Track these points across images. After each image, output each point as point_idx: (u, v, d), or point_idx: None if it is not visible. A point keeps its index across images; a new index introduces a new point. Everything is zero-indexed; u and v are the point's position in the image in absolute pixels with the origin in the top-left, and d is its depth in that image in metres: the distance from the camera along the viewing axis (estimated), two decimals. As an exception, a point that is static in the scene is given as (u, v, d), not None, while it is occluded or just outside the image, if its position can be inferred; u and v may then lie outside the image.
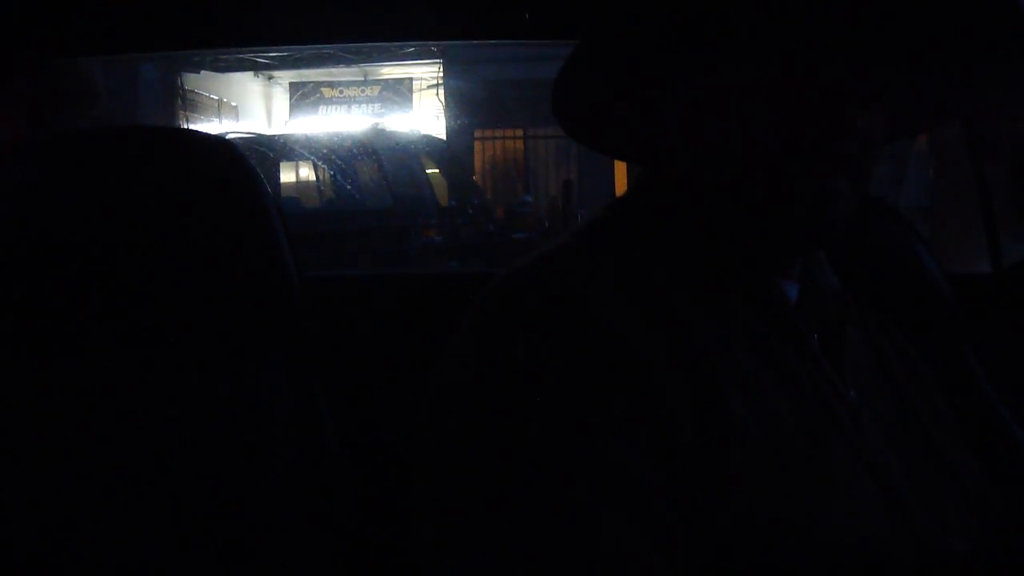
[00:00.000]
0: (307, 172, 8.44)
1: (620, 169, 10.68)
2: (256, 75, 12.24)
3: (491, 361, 0.72)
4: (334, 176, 7.82)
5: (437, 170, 8.88)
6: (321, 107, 12.60)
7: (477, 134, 11.88)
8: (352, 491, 1.11)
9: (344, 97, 12.61)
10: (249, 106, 12.16)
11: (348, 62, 11.39)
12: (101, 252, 1.08)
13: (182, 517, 1.01)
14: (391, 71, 12.38)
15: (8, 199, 1.09)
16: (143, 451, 1.03)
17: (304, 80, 12.61)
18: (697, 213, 0.82)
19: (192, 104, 10.63)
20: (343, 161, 7.79)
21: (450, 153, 10.18)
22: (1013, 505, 0.86)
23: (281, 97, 12.74)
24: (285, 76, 12.52)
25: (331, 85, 12.55)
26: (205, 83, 11.06)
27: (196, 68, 10.55)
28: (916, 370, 0.93)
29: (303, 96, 12.63)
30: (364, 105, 12.52)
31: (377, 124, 10.53)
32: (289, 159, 8.23)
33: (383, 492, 1.12)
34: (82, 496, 1.01)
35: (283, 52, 10.01)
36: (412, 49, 10.45)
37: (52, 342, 1.06)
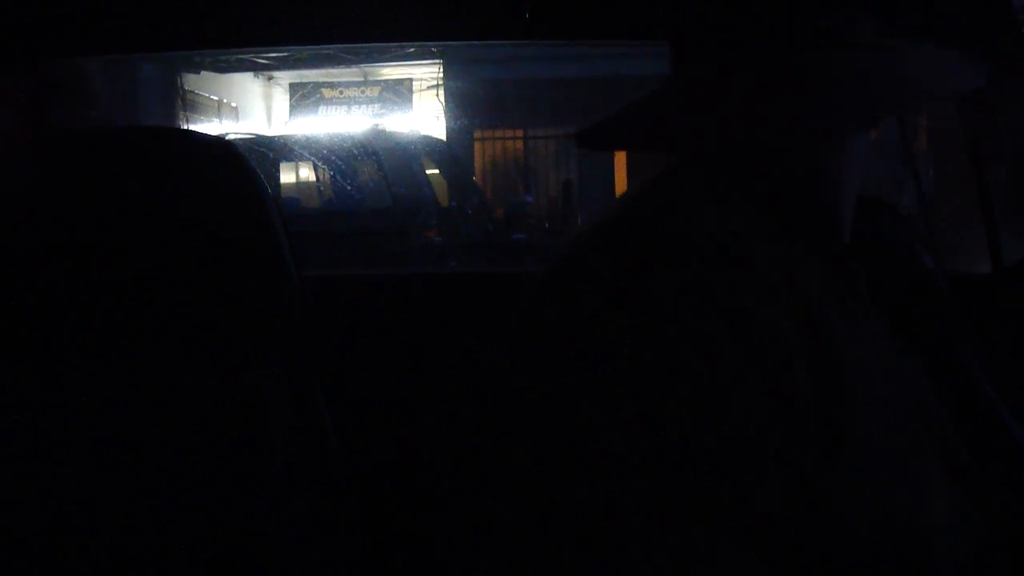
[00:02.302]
0: (307, 172, 8.44)
1: (620, 169, 10.68)
2: (256, 76, 12.23)
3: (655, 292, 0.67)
4: (334, 177, 7.82)
5: (437, 170, 8.87)
6: (321, 108, 12.59)
7: (477, 134, 11.87)
8: (352, 491, 1.11)
9: (344, 98, 12.60)
10: (249, 107, 12.15)
11: (348, 63, 11.39)
12: (100, 252, 1.08)
13: (180, 516, 1.01)
14: (391, 72, 12.37)
15: (8, 199, 1.09)
16: (142, 451, 1.03)
17: (304, 81, 12.60)
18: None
19: (192, 105, 10.62)
20: (343, 162, 7.78)
21: (450, 153, 10.17)
22: (1012, 503, 0.86)
23: (281, 98, 12.73)
24: (285, 77, 12.51)
25: (331, 86, 12.55)
26: (205, 84, 11.05)
27: (196, 69, 10.55)
28: (914, 369, 0.93)
29: (303, 97, 12.62)
30: (364, 106, 12.51)
31: (377, 125, 10.52)
32: (289, 160, 8.23)
33: (383, 492, 1.12)
34: (81, 495, 1.01)
35: (283, 53, 10.01)
36: (412, 50, 10.45)
37: (50, 342, 1.06)
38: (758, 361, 0.65)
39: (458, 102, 11.49)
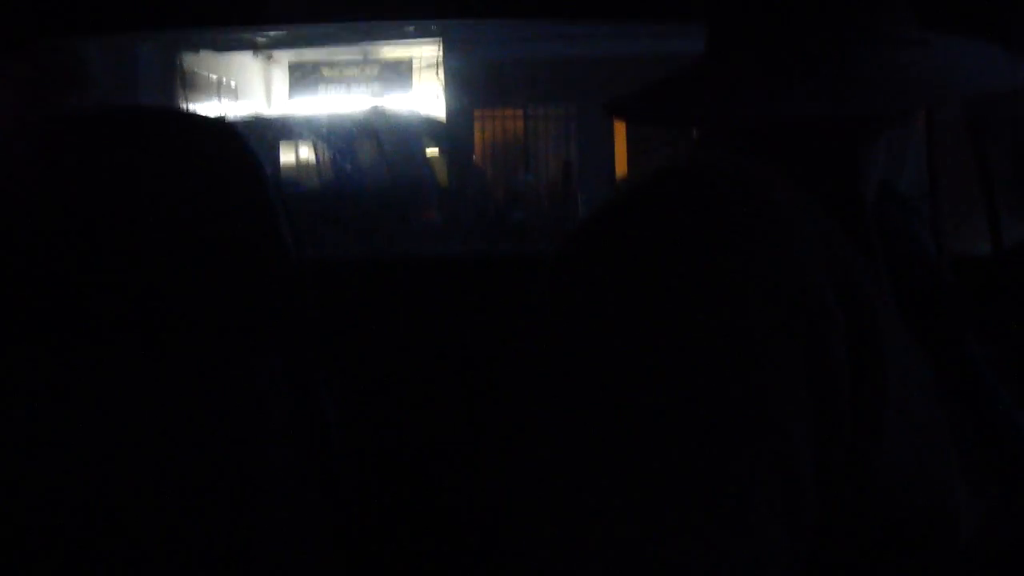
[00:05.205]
0: (307, 153, 8.42)
1: (620, 150, 10.66)
2: (255, 55, 12.17)
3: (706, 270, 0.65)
4: (333, 157, 7.80)
5: (437, 150, 8.85)
6: (320, 87, 12.54)
7: (477, 114, 11.83)
8: (353, 481, 1.10)
9: (343, 77, 12.54)
10: (248, 86, 12.10)
11: (348, 42, 11.34)
12: (99, 234, 1.08)
13: (179, 508, 1.01)
14: (390, 51, 12.31)
15: (6, 182, 1.09)
16: (140, 437, 1.03)
17: (303, 60, 12.54)
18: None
19: (191, 84, 10.57)
20: (342, 142, 7.76)
21: (450, 133, 10.14)
22: (1012, 490, 0.86)
23: (280, 77, 12.67)
24: (284, 56, 12.45)
25: (330, 65, 12.49)
26: (204, 63, 11.00)
27: (195, 48, 10.50)
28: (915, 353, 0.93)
29: (302, 76, 12.56)
30: (363, 85, 12.45)
31: (376, 105, 10.48)
32: (288, 139, 8.20)
33: (385, 481, 1.12)
34: (79, 492, 1.01)
35: (282, 31, 9.96)
36: (412, 28, 10.40)
37: (47, 328, 1.06)
38: (797, 337, 0.63)
39: (458, 82, 11.45)
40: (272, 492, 1.04)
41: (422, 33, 11.08)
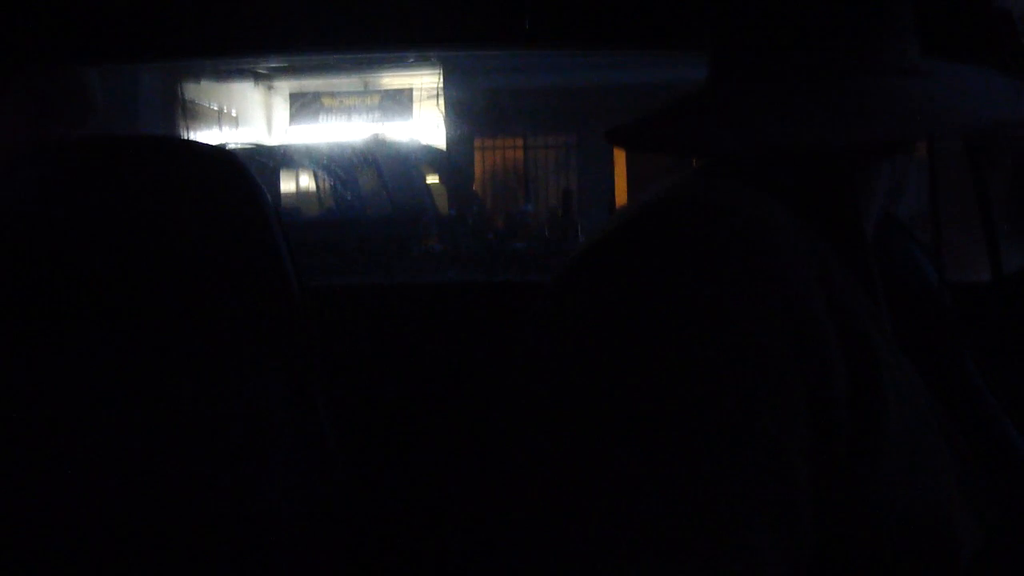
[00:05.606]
0: (307, 181, 8.45)
1: (620, 178, 10.69)
2: (256, 84, 12.24)
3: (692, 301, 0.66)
4: (334, 185, 7.83)
5: (437, 179, 8.89)
6: (321, 116, 12.60)
7: (477, 143, 11.88)
8: (351, 499, 1.10)
9: (344, 106, 12.61)
10: (249, 115, 12.16)
11: (348, 72, 11.41)
12: (102, 261, 1.08)
13: (180, 519, 1.01)
14: (391, 81, 12.38)
15: (11, 207, 1.09)
16: (142, 457, 1.03)
17: (304, 90, 12.61)
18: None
19: (192, 114, 10.63)
20: (343, 170, 7.80)
21: (450, 162, 10.19)
22: (1011, 511, 0.86)
23: (281, 106, 12.74)
24: (285, 85, 12.53)
25: (331, 94, 12.55)
26: (205, 93, 11.06)
27: (196, 78, 10.56)
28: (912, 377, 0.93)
29: (303, 105, 12.62)
30: (364, 114, 12.51)
31: (377, 134, 10.52)
32: (289, 168, 8.24)
33: (381, 499, 1.12)
34: (80, 497, 1.01)
35: (283, 62, 10.03)
36: (412, 59, 10.46)
37: (53, 350, 1.06)
38: (790, 351, 0.64)
39: (458, 111, 11.50)
40: (271, 504, 1.04)
41: (423, 63, 11.14)
